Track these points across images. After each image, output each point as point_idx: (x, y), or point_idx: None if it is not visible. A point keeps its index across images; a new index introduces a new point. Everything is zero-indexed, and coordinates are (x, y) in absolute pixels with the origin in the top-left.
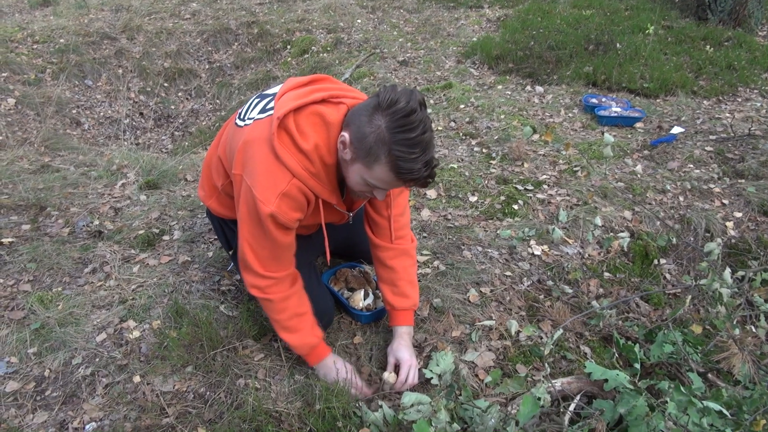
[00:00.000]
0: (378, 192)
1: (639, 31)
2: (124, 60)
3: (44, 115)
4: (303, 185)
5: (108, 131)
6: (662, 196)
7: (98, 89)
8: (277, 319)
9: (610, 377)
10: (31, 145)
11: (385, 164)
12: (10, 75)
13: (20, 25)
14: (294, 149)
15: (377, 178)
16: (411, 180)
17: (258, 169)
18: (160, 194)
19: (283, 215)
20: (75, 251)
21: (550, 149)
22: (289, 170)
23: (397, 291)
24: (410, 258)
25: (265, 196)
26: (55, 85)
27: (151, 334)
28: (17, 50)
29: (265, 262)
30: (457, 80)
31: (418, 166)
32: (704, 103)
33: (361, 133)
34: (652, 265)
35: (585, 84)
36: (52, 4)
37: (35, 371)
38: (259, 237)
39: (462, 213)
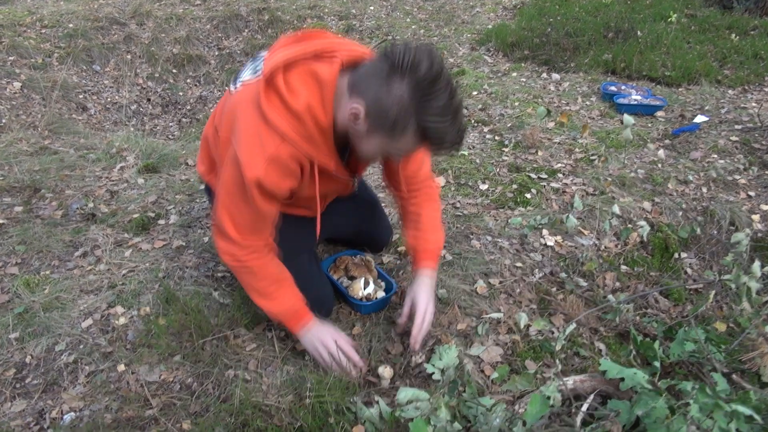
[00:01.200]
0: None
1: (661, 20)
2: (132, 46)
3: (50, 99)
4: (294, 149)
5: (114, 117)
6: (684, 187)
7: (106, 74)
8: (257, 287)
9: (626, 376)
10: (35, 129)
11: (412, 135)
12: (17, 59)
13: (30, 10)
14: (283, 110)
15: (402, 149)
16: (441, 149)
17: (244, 132)
18: (159, 178)
19: (271, 182)
20: (66, 234)
21: (566, 137)
22: (278, 133)
23: (419, 234)
24: (434, 202)
25: (250, 161)
26: (62, 69)
27: (139, 321)
28: (25, 34)
29: (242, 230)
30: (470, 67)
31: (451, 135)
32: (729, 93)
33: (379, 105)
34: (673, 258)
35: (603, 72)
36: None
37: (16, 357)
38: (240, 203)
39: (471, 201)
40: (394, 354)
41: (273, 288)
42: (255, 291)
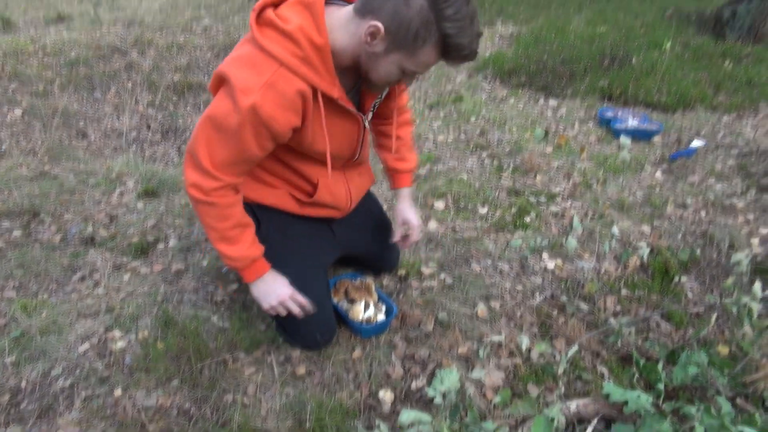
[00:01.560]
0: (409, 78)
1: (655, 47)
2: (133, 73)
3: (50, 125)
4: (293, 75)
5: (114, 143)
6: (683, 211)
7: (106, 102)
8: (218, 227)
9: (630, 399)
10: (35, 155)
11: (432, 46)
12: (18, 86)
13: (32, 39)
14: (277, 34)
15: (420, 63)
16: (459, 57)
17: (237, 61)
18: (158, 202)
19: (267, 111)
20: (65, 258)
21: (564, 162)
22: (274, 59)
23: (399, 156)
24: (410, 126)
25: (245, 86)
26: (63, 96)
27: (136, 345)
28: (27, 62)
29: (218, 164)
30: (468, 93)
31: (468, 40)
32: (724, 118)
33: (400, 18)
34: (673, 282)
35: (600, 98)
36: (66, 20)
37: (11, 382)
38: (224, 136)
39: (471, 225)
40: (395, 378)
41: (236, 232)
42: (215, 231)
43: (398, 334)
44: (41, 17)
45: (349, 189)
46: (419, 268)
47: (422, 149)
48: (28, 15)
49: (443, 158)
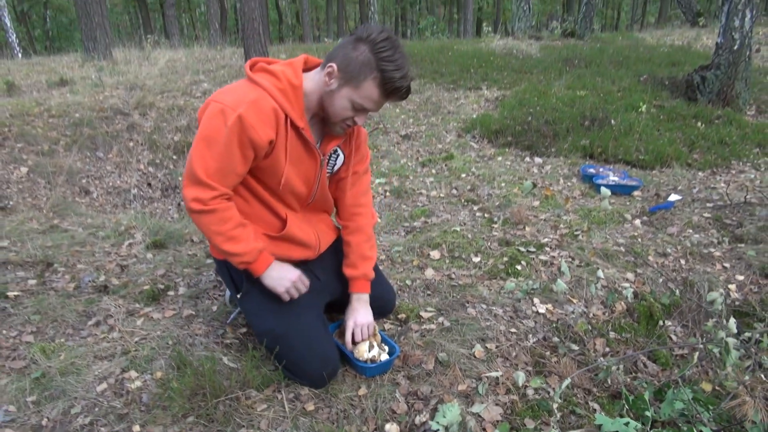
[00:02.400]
0: (360, 116)
1: (632, 110)
2: (135, 134)
3: (55, 183)
4: (273, 99)
5: (116, 200)
6: (664, 259)
7: (109, 161)
8: (221, 230)
9: (620, 429)
10: (41, 210)
11: (372, 80)
12: (24, 146)
13: (37, 101)
14: (264, 73)
15: (364, 97)
16: (394, 90)
17: (228, 88)
18: (166, 253)
19: (250, 121)
20: (80, 305)
21: (551, 215)
22: (260, 86)
23: (349, 262)
24: (364, 234)
25: (234, 103)
26: (67, 156)
27: (152, 384)
28: (33, 123)
29: (211, 174)
30: (458, 152)
31: (399, 76)
32: (699, 174)
33: (348, 59)
34: (658, 326)
35: (582, 156)
36: (68, 84)
37: (33, 420)
38: (214, 148)
39: (465, 272)
40: (400, 413)
41: (238, 230)
42: (220, 235)
43: (401, 372)
44: (44, 81)
45: (316, 231)
46: (418, 312)
47: (416, 203)
48: (30, 79)
49: (437, 211)
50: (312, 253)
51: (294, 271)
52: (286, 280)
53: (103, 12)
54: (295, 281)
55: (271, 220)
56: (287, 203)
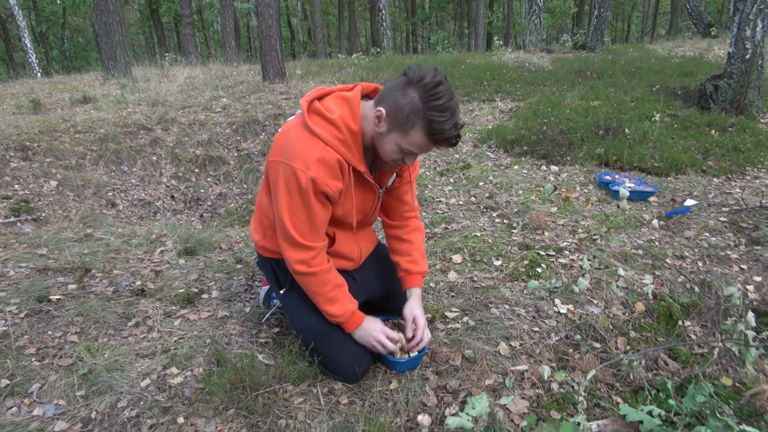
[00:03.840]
0: (409, 158)
1: (645, 119)
2: (158, 148)
3: (83, 196)
4: (334, 152)
5: (141, 212)
6: (681, 262)
7: (133, 174)
8: (321, 292)
9: (645, 419)
10: (71, 221)
11: (420, 129)
12: (53, 160)
13: (64, 118)
14: (323, 121)
15: (412, 143)
16: (443, 140)
17: (295, 146)
18: (197, 260)
19: (322, 179)
20: (119, 307)
21: (569, 220)
22: (321, 139)
23: (412, 259)
24: (422, 233)
25: (303, 164)
26: (94, 169)
27: (193, 379)
28: (60, 139)
29: (304, 233)
30: (474, 162)
31: (449, 127)
32: (714, 181)
33: (397, 106)
34: (677, 325)
35: (597, 164)
36: (91, 101)
37: (82, 413)
38: (298, 209)
39: (487, 275)
40: (430, 405)
41: (335, 292)
42: (320, 296)
43: (429, 368)
44: (67, 99)
45: (359, 245)
46: (443, 313)
47: (436, 211)
48: (54, 97)
49: (456, 218)
50: (353, 265)
51: (378, 327)
52: (372, 338)
53: (123, 31)
54: (378, 338)
55: (343, 264)
56: (341, 227)
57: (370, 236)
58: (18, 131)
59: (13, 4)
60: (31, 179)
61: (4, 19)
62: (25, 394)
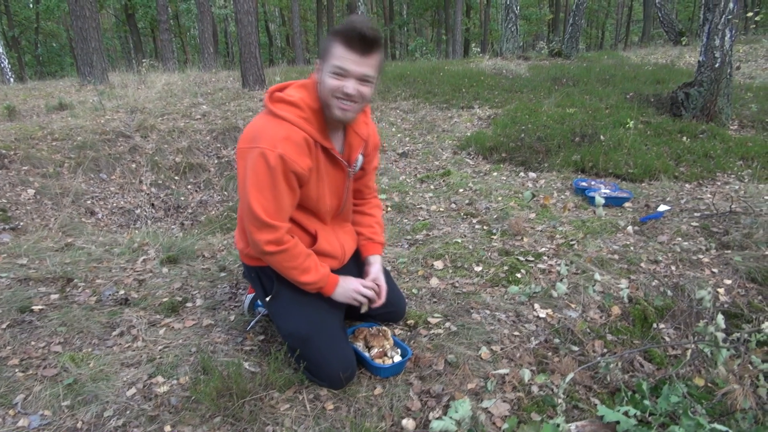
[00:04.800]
0: (347, 83)
1: (620, 126)
2: (137, 155)
3: (61, 204)
4: (300, 130)
5: (120, 220)
6: (655, 266)
7: (112, 182)
8: (294, 265)
9: (621, 419)
10: (50, 230)
11: (337, 43)
12: (30, 168)
13: (40, 125)
14: (286, 105)
15: (337, 57)
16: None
17: (261, 130)
18: (180, 268)
19: (290, 156)
20: (103, 317)
21: (547, 226)
22: (286, 120)
23: (373, 231)
24: (381, 209)
25: (271, 144)
26: (72, 177)
27: (179, 388)
28: (37, 146)
29: (270, 212)
30: (454, 168)
31: (358, 24)
32: (686, 186)
33: (322, 47)
34: (652, 328)
35: (574, 170)
36: (68, 108)
37: (68, 423)
38: (266, 188)
39: (468, 281)
40: (414, 410)
41: (308, 262)
42: (294, 269)
43: (413, 373)
44: (42, 106)
45: (341, 243)
46: (426, 318)
47: (417, 217)
48: (28, 104)
49: (437, 225)
50: (338, 263)
51: (353, 281)
52: (351, 292)
53: (99, 37)
54: (358, 290)
55: (303, 237)
56: (320, 217)
57: (351, 234)
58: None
59: None
60: (8, 188)
61: None
62: (9, 405)
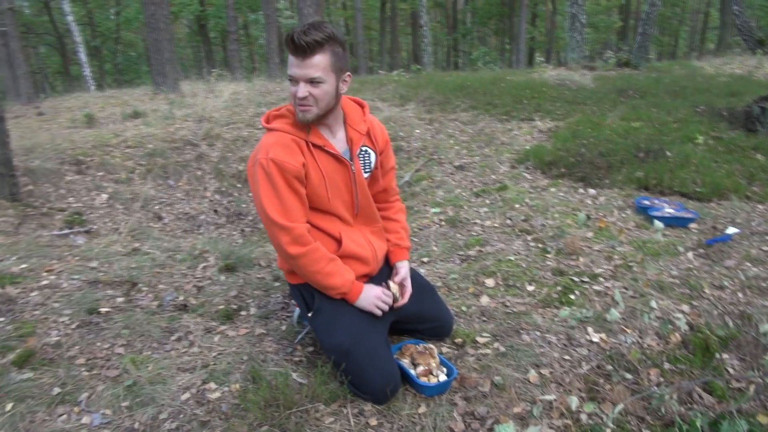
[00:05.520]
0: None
1: (688, 141)
2: (203, 163)
3: (131, 209)
4: (288, 135)
5: (185, 226)
6: (720, 292)
7: (179, 188)
8: (317, 269)
9: None
10: (120, 234)
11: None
12: (105, 174)
13: (116, 133)
14: (275, 119)
15: (288, 65)
16: (288, 43)
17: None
18: (237, 276)
19: (280, 157)
20: (163, 321)
21: (605, 246)
22: (275, 130)
23: (399, 236)
24: (405, 213)
25: (264, 153)
26: (142, 183)
27: (230, 395)
28: (112, 153)
29: (289, 215)
30: (511, 183)
31: (296, 31)
32: (759, 207)
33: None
34: (714, 358)
35: (636, 188)
36: (141, 116)
37: (126, 423)
38: (270, 193)
39: (520, 300)
40: (457, 431)
41: (331, 266)
42: (318, 273)
43: (458, 393)
44: (118, 113)
45: (370, 243)
46: (474, 337)
47: (471, 232)
48: (105, 111)
49: (491, 241)
50: (371, 267)
51: (376, 289)
52: (373, 300)
53: (172, 48)
54: (378, 296)
55: (327, 242)
56: (340, 217)
57: (379, 236)
58: (73, 145)
59: (71, 21)
60: (84, 192)
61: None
62: (74, 402)
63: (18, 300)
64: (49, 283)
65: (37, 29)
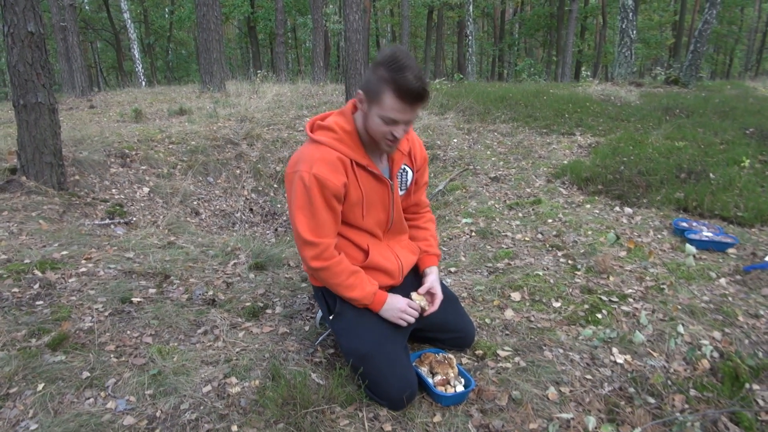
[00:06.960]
0: (396, 129)
1: (734, 164)
2: (242, 162)
3: (171, 203)
4: (334, 151)
5: (221, 222)
6: (755, 321)
7: (217, 186)
8: (339, 282)
9: None
10: (158, 227)
11: (389, 92)
12: (148, 168)
13: (161, 129)
14: (321, 130)
15: (389, 108)
16: (409, 93)
17: (301, 155)
18: (265, 275)
19: (324, 175)
20: (191, 314)
21: (637, 266)
22: (321, 143)
23: (428, 243)
24: (434, 223)
25: (308, 166)
26: (183, 179)
27: (250, 391)
28: (156, 148)
29: (316, 232)
30: (546, 197)
31: (412, 79)
32: None
33: (369, 82)
34: (744, 388)
35: (675, 209)
36: (187, 113)
37: (149, 411)
38: (304, 207)
39: (545, 316)
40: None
41: (352, 279)
42: (340, 286)
43: (474, 405)
44: (165, 110)
45: (396, 256)
46: (496, 350)
47: (501, 245)
48: (153, 107)
49: (520, 254)
50: (396, 279)
51: (401, 301)
52: (397, 311)
53: (221, 48)
54: (404, 309)
55: (354, 253)
56: (371, 232)
57: (408, 247)
58: (120, 139)
59: (127, 18)
60: (127, 185)
61: (118, 30)
62: (102, 387)
63: (57, 285)
64: (87, 270)
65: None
